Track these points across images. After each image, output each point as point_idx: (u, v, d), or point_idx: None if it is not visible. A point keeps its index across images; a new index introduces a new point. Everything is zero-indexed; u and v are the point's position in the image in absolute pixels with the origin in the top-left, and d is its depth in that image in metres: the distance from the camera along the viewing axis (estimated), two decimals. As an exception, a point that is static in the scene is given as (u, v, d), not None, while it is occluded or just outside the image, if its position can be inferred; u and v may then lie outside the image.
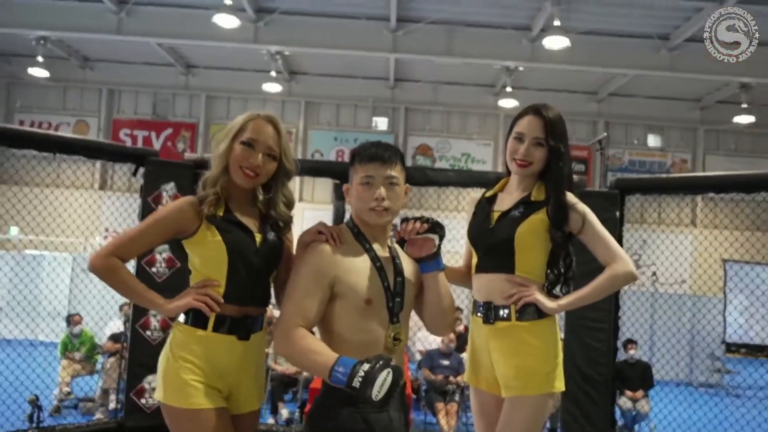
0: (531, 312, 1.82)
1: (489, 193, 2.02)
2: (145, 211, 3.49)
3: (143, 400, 3.40)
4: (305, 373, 6.37)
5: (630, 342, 6.67)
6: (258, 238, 1.70)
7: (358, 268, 1.56)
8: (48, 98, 14.53)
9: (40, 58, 12.11)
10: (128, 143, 14.86)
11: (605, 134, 8.16)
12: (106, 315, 7.39)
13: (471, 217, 2.04)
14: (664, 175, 11.52)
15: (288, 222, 1.79)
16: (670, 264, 12.10)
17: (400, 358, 1.60)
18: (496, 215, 1.94)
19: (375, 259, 1.58)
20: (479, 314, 1.89)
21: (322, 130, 15.02)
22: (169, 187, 3.47)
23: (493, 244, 1.89)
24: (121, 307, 7.23)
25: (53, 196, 5.97)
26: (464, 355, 6.11)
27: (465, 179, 3.73)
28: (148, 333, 3.41)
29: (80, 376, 6.62)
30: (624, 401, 6.30)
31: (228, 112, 14.80)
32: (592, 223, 1.88)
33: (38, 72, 12.72)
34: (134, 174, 3.42)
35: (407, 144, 14.92)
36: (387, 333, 1.55)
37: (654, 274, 12.67)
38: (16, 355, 4.62)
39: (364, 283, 1.54)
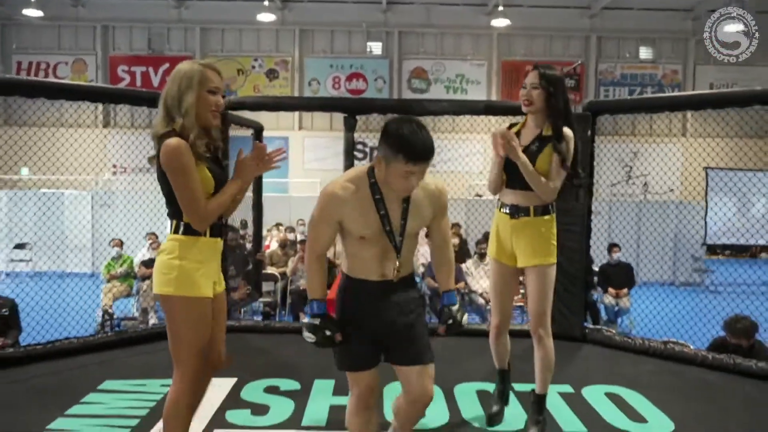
0: (541, 211, 2.62)
1: (515, 129, 2.67)
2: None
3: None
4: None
5: (614, 246, 7.32)
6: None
7: (359, 212, 2.00)
8: (43, 38, 14.59)
9: (32, -2, 12.20)
10: (127, 80, 15.04)
11: (579, 62, 8.46)
12: (126, 242, 7.99)
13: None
14: (628, 98, 12.17)
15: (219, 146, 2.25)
16: (660, 173, 12.62)
17: (404, 268, 2.09)
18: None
19: (380, 207, 2.00)
20: (506, 211, 2.67)
21: (318, 58, 15.13)
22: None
23: (518, 171, 2.58)
24: (147, 236, 7.88)
25: (57, 136, 6.26)
26: (463, 265, 6.78)
27: (457, 108, 4.19)
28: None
29: (119, 299, 7.29)
30: (608, 298, 7.04)
31: (222, 45, 14.88)
32: (562, 158, 2.57)
33: (32, 12, 12.78)
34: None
35: (402, 68, 15.07)
36: (380, 259, 2.04)
37: (645, 183, 13.23)
38: (57, 286, 5.16)
39: (360, 225, 2.01)
